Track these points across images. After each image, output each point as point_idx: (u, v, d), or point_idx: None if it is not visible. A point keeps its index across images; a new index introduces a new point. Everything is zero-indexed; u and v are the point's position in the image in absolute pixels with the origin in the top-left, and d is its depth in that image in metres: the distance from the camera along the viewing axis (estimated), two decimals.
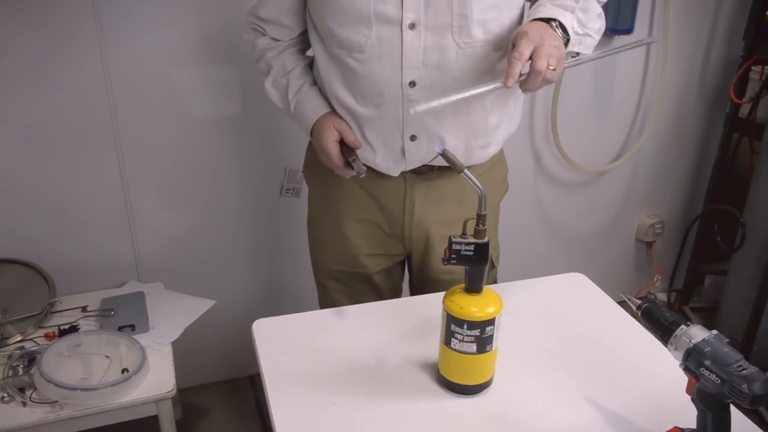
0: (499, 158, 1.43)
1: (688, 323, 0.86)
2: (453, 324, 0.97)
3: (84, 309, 1.80)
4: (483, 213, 0.95)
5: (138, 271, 2.00)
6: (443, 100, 1.09)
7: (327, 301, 1.51)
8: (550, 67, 1.05)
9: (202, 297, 1.86)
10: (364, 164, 1.24)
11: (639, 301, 0.94)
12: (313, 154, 1.36)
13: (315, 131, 1.28)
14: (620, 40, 2.19)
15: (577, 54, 1.21)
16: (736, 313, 2.32)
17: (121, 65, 1.75)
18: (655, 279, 2.73)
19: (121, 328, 1.71)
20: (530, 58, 1.05)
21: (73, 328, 1.72)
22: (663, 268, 2.70)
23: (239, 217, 2.05)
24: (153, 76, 1.80)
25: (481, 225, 0.95)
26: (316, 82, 1.32)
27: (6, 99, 1.69)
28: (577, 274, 1.38)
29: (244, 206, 2.04)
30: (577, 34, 1.17)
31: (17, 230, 1.82)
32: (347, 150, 1.26)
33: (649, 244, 2.66)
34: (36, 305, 1.75)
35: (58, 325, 1.72)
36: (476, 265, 0.96)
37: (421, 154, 1.27)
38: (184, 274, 2.02)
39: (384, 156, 1.28)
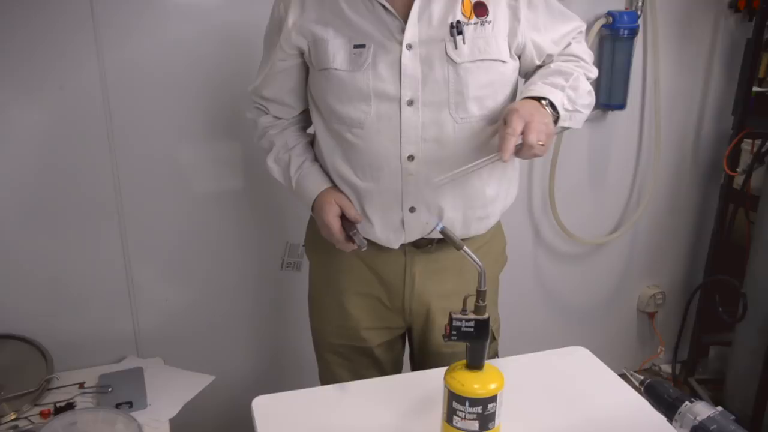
0: (498, 231, 1.44)
1: (693, 399, 0.85)
2: (455, 401, 0.96)
3: (81, 385, 1.77)
4: (483, 289, 0.95)
5: (137, 346, 1.98)
6: (461, 170, 1.15)
7: (328, 375, 1.49)
8: (539, 143, 1.10)
9: (202, 371, 1.84)
10: (364, 238, 1.26)
11: (641, 377, 0.94)
12: (314, 228, 1.38)
13: (316, 206, 1.30)
14: (612, 115, 2.25)
15: (566, 128, 1.26)
16: (743, 385, 2.28)
17: (125, 141, 1.79)
18: (659, 350, 2.70)
19: (118, 405, 1.68)
20: (521, 132, 1.09)
21: (70, 406, 1.69)
22: (666, 339, 2.68)
23: (240, 291, 2.05)
24: (156, 151, 1.83)
25: (481, 301, 0.95)
26: (317, 159, 1.36)
27: (11, 178, 1.73)
28: (578, 347, 1.37)
29: (245, 280, 2.04)
30: (567, 110, 1.22)
31: (16, 305, 1.82)
32: (348, 224, 1.28)
33: (651, 315, 2.65)
34: (33, 382, 1.72)
35: (54, 403, 1.69)
36: (477, 342, 0.96)
37: (420, 226, 1.29)
38: (184, 348, 2.00)
39: (384, 228, 1.30)
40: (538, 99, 1.18)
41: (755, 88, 2.26)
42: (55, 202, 1.78)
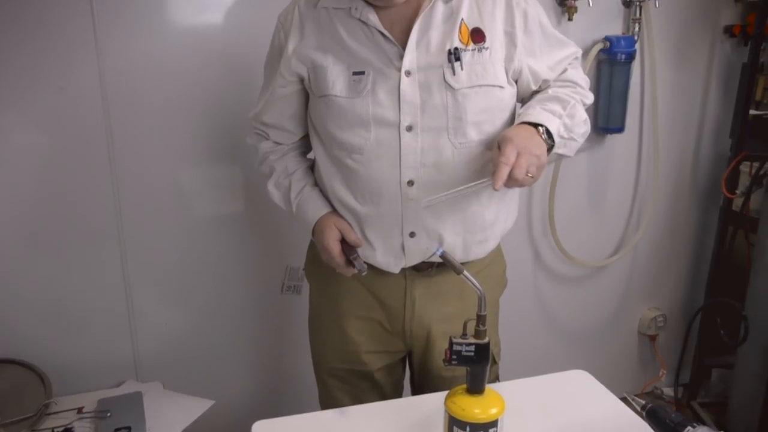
0: (498, 254, 1.45)
1: (695, 424, 0.85)
2: (455, 426, 0.96)
3: (80, 410, 1.76)
4: (483, 313, 0.96)
5: (136, 371, 1.97)
6: (449, 192, 1.16)
7: (328, 399, 1.49)
8: (529, 175, 1.12)
9: (201, 395, 1.83)
10: (365, 262, 1.26)
11: (643, 401, 0.94)
12: (315, 252, 1.39)
13: (317, 230, 1.31)
14: (611, 138, 2.27)
15: (560, 155, 1.27)
16: (746, 409, 2.26)
17: (126, 165, 1.80)
18: (661, 373, 2.68)
19: (117, 430, 1.66)
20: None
21: (68, 431, 1.68)
22: (668, 361, 2.66)
23: (240, 315, 2.05)
24: (157, 175, 1.85)
25: (481, 325, 0.96)
26: (317, 184, 1.37)
27: (12, 201, 1.73)
28: (579, 371, 1.36)
29: (245, 304, 2.04)
30: (562, 138, 1.23)
31: (15, 329, 1.82)
32: (348, 248, 1.28)
33: (652, 338, 2.64)
34: (31, 407, 1.71)
35: (53, 428, 1.68)
36: (477, 366, 0.96)
37: (420, 251, 1.30)
38: (183, 372, 1.99)
39: (384, 253, 1.30)
40: (535, 125, 1.19)
41: (752, 111, 2.28)
42: (56, 226, 1.79)
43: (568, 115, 1.24)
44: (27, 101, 1.68)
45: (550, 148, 1.21)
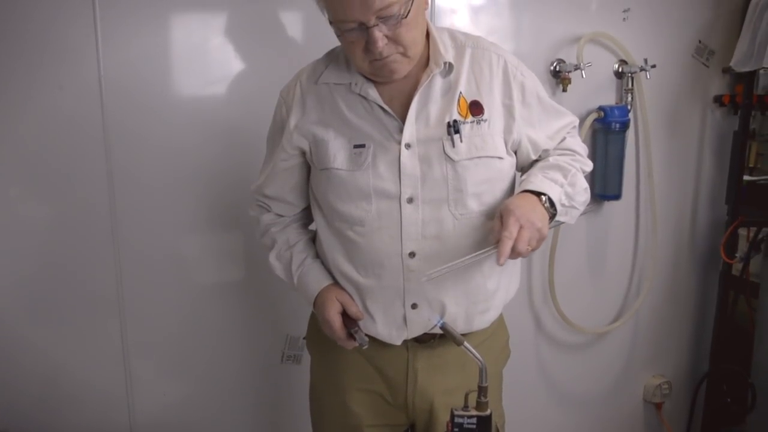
0: (500, 325, 1.44)
1: None
2: None
3: None
4: (484, 385, 0.95)
5: None
6: (450, 265, 1.17)
7: None
8: (529, 247, 1.14)
9: None
10: (366, 334, 1.26)
11: None
12: (316, 324, 1.38)
13: (318, 303, 1.31)
14: (608, 205, 2.29)
15: (561, 223, 1.29)
16: None
17: (127, 235, 1.81)
18: None
19: None
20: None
21: None
22: (676, 430, 2.61)
23: (239, 385, 2.02)
24: (159, 243, 1.85)
25: (482, 397, 0.95)
26: (318, 256, 1.37)
27: (12, 270, 1.73)
28: None
29: (245, 373, 2.02)
30: (564, 206, 1.25)
31: (11, 401, 1.78)
32: (349, 321, 1.28)
33: (658, 406, 2.59)
34: None
35: None
36: None
37: (422, 322, 1.29)
38: None
39: (386, 325, 1.30)
40: (537, 194, 1.21)
41: (746, 177, 2.32)
42: (56, 296, 1.78)
43: (569, 183, 1.26)
44: (31, 176, 1.71)
45: (552, 216, 1.22)
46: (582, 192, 1.29)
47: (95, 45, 1.67)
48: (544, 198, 1.21)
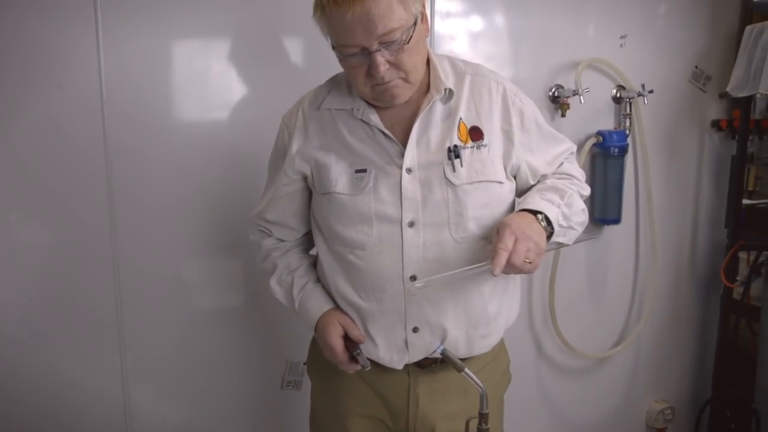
0: (501, 349, 1.44)
1: None
2: None
3: None
4: (485, 411, 0.94)
5: None
6: (445, 274, 1.17)
7: None
8: (527, 261, 1.13)
9: None
10: (368, 358, 1.25)
11: None
12: (317, 349, 1.38)
13: (319, 327, 1.31)
14: (608, 230, 2.30)
15: (561, 244, 1.30)
16: None
17: (128, 259, 1.81)
18: None
19: None
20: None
21: None
22: None
23: (239, 411, 2.00)
24: (159, 267, 1.85)
25: (483, 424, 0.94)
26: (319, 280, 1.37)
27: (13, 295, 1.73)
28: None
29: (245, 399, 2.00)
30: (561, 226, 1.25)
31: (8, 426, 1.77)
32: (351, 345, 1.28)
33: (661, 431, 2.57)
34: None
35: None
36: None
37: (423, 346, 1.29)
38: None
39: (387, 349, 1.29)
40: (534, 213, 1.22)
41: (745, 201, 2.33)
42: (56, 320, 1.78)
43: (566, 204, 1.26)
44: (32, 199, 1.71)
45: (549, 235, 1.23)
46: (579, 213, 1.30)
47: (97, 65, 1.69)
48: (540, 216, 1.21)
